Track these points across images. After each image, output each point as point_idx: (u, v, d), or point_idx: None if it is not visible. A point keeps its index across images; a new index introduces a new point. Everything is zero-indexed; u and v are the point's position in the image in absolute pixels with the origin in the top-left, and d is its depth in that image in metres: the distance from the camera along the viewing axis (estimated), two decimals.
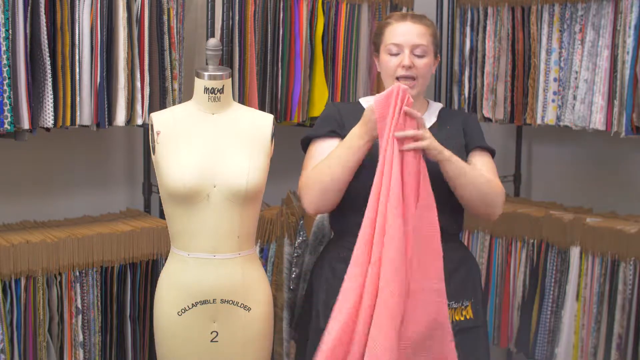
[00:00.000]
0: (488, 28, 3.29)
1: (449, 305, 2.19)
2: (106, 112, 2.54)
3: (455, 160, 2.11)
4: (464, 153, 2.26)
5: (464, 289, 2.25)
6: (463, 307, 2.23)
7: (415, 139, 2.02)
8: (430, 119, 2.29)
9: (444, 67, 3.41)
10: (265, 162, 2.21)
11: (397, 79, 2.21)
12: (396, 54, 2.22)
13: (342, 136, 2.21)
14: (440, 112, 2.33)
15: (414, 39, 2.21)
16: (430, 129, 2.24)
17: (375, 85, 3.24)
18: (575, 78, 3.02)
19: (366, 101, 2.32)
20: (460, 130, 2.30)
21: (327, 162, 2.15)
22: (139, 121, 2.63)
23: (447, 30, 3.42)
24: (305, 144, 2.31)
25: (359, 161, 2.11)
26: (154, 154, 2.20)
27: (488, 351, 2.36)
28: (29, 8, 2.36)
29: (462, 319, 2.23)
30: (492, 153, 2.32)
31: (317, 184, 2.16)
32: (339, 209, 2.22)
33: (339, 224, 2.29)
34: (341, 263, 2.16)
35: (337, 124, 2.26)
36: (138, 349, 2.65)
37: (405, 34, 2.21)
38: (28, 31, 2.36)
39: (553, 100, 3.10)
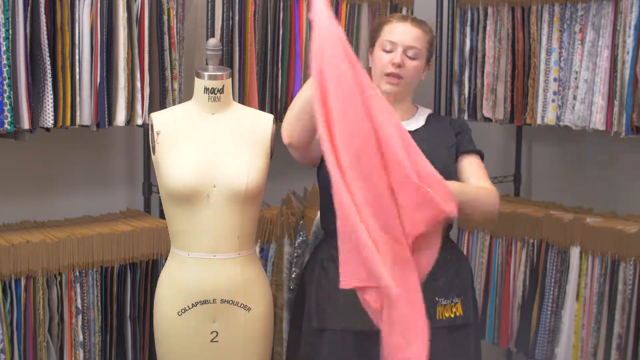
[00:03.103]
0: (488, 28, 3.29)
1: (438, 302, 2.21)
2: (106, 112, 2.54)
3: (457, 188, 2.12)
4: (453, 152, 2.32)
5: (453, 285, 2.26)
6: (452, 304, 2.25)
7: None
8: (418, 122, 2.36)
9: (444, 67, 3.41)
10: (266, 162, 2.21)
11: (386, 75, 2.25)
12: (389, 51, 2.25)
13: None
14: (428, 116, 2.40)
15: (409, 40, 2.24)
16: (417, 131, 2.30)
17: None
18: (575, 78, 3.01)
19: None
20: (450, 132, 2.36)
21: (294, 101, 2.20)
22: (139, 121, 2.63)
23: (447, 30, 3.42)
24: None
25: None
26: (154, 154, 2.20)
27: (479, 349, 2.38)
28: (29, 8, 2.36)
29: (452, 315, 2.25)
30: (481, 155, 2.36)
31: (286, 122, 2.22)
32: (328, 209, 2.23)
33: (330, 224, 2.30)
34: (332, 262, 2.18)
35: None
36: (138, 349, 2.65)
37: (402, 34, 2.25)
38: (28, 31, 2.36)
39: (553, 100, 3.10)
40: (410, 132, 2.25)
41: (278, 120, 2.94)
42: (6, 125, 2.34)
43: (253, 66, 2.85)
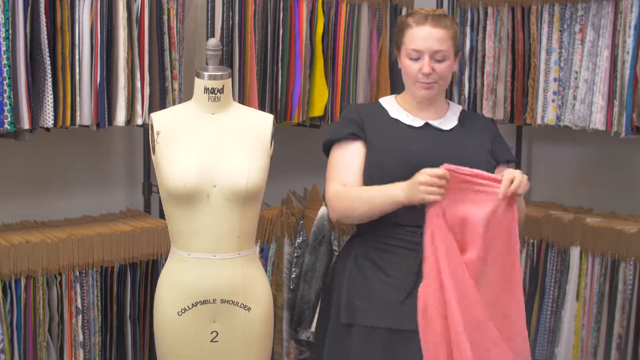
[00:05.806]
0: (488, 28, 3.29)
1: None
2: (106, 112, 2.55)
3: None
4: (490, 158, 2.28)
5: None
6: None
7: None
8: (452, 120, 2.31)
9: None
10: (266, 162, 2.21)
11: (419, 82, 2.23)
12: (416, 59, 2.22)
13: (362, 139, 2.25)
14: (461, 114, 2.35)
15: (434, 45, 2.19)
16: (453, 130, 2.27)
17: (375, 85, 3.24)
18: (575, 78, 3.02)
19: (387, 102, 2.33)
20: (486, 137, 2.33)
21: (362, 197, 2.18)
22: (139, 121, 2.63)
23: None
24: (327, 148, 2.33)
25: (393, 210, 2.13)
26: (154, 154, 2.20)
27: None
28: (29, 8, 2.36)
29: None
30: (516, 163, 2.37)
31: (346, 209, 2.21)
32: None
33: (367, 223, 2.28)
34: (367, 260, 2.22)
35: (358, 127, 2.27)
36: (138, 349, 2.65)
37: (425, 39, 2.20)
38: (28, 31, 2.37)
39: (553, 100, 3.10)
40: (445, 131, 2.26)
41: (278, 120, 2.94)
42: (6, 125, 2.34)
43: (253, 66, 2.85)
